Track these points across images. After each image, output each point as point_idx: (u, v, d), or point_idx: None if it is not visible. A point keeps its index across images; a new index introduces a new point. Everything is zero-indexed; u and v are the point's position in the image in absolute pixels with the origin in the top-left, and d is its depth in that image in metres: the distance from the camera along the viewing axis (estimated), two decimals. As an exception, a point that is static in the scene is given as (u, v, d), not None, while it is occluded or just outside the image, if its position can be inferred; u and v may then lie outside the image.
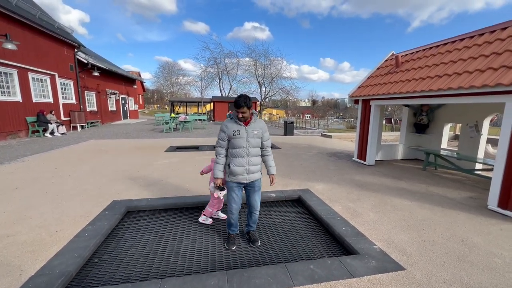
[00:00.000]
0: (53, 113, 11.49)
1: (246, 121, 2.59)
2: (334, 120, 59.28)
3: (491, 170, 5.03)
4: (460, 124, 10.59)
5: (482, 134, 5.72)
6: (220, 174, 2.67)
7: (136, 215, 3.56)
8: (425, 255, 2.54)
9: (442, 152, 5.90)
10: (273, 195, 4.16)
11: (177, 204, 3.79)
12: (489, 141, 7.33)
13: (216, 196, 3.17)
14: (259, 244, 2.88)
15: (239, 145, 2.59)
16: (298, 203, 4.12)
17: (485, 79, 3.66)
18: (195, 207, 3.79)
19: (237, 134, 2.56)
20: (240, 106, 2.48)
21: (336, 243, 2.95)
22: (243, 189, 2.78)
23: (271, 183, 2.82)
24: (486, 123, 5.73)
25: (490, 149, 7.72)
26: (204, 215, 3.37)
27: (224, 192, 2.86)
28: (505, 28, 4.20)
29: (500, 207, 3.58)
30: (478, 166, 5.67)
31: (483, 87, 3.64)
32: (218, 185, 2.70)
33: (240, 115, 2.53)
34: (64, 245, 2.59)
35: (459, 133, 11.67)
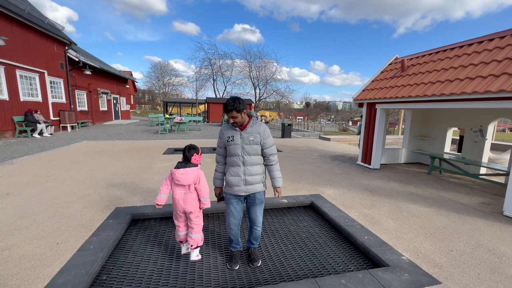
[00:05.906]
0: (39, 112, 10.85)
1: (242, 126, 2.29)
2: (326, 122, 60.02)
3: (500, 175, 5.06)
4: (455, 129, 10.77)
5: (486, 139, 5.76)
6: (218, 183, 2.49)
7: (142, 224, 3.31)
8: (457, 267, 2.43)
9: (448, 156, 5.90)
10: (285, 201, 4.00)
11: (185, 211, 3.55)
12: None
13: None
14: (259, 264, 2.53)
15: (233, 153, 2.28)
16: (311, 209, 3.97)
17: (501, 84, 3.63)
18: (206, 214, 3.58)
19: (231, 140, 2.27)
20: (228, 110, 2.16)
21: (360, 253, 2.80)
22: (244, 201, 2.44)
23: (277, 197, 2.47)
24: (490, 128, 5.78)
25: (490, 153, 7.83)
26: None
27: (223, 202, 2.62)
28: (516, 34, 4.22)
29: (516, 214, 3.55)
30: (483, 170, 5.70)
31: (499, 92, 3.61)
32: (216, 194, 2.52)
33: (231, 120, 2.22)
34: (68, 259, 2.33)
35: (453, 137, 11.89)
